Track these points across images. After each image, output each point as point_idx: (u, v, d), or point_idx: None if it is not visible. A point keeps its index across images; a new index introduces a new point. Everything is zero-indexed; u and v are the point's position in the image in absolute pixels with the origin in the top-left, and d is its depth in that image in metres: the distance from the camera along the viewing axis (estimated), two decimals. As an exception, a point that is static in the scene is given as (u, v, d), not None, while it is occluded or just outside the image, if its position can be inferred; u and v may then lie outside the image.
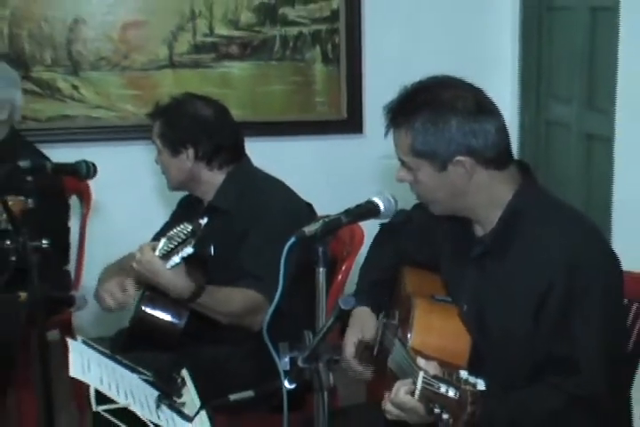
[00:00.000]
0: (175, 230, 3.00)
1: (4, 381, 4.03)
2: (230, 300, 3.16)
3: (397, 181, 2.54)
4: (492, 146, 2.46)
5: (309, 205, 3.44)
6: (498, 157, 2.48)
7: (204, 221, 2.97)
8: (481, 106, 2.48)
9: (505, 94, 5.39)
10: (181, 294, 3.09)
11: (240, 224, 3.33)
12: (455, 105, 2.45)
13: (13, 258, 2.84)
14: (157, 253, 3.02)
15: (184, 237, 2.94)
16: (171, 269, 3.00)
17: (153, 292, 3.25)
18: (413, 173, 2.49)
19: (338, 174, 5.04)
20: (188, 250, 2.93)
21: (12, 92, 4.16)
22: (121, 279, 3.37)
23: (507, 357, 2.46)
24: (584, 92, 4.71)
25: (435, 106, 2.44)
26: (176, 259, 2.97)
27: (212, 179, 3.46)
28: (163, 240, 3.04)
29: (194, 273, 3.12)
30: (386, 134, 2.54)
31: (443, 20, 5.41)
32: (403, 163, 2.51)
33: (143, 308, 3.31)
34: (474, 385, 2.02)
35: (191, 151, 3.42)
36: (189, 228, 2.94)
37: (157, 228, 3.70)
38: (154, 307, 3.30)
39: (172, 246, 2.97)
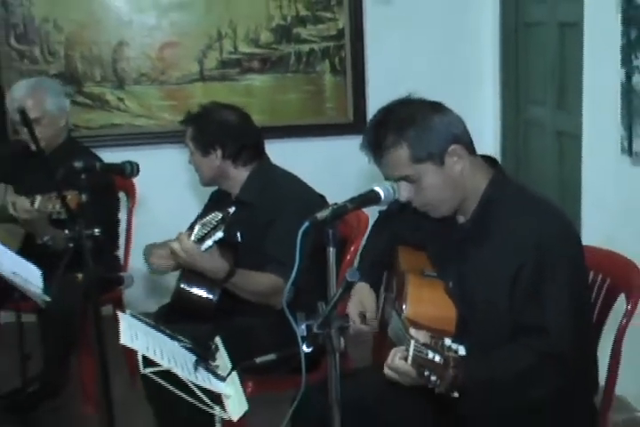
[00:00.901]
0: (207, 218, 3.02)
1: (67, 348, 4.06)
2: (257, 282, 3.19)
3: (405, 201, 2.51)
4: (465, 132, 2.50)
5: (322, 197, 3.45)
6: (471, 142, 2.51)
7: (231, 209, 2.99)
8: (437, 105, 2.52)
9: (489, 99, 5.40)
10: (216, 275, 3.11)
11: (263, 215, 3.34)
12: (424, 109, 2.48)
13: (71, 244, 2.86)
14: (193, 237, 3.04)
15: (215, 223, 2.96)
16: (205, 252, 3.02)
17: (190, 272, 3.26)
18: (417, 184, 2.47)
19: (344, 170, 5.05)
20: (219, 234, 2.96)
21: (65, 101, 4.20)
22: (162, 247, 3.41)
23: (487, 325, 2.47)
24: (555, 95, 4.70)
25: (411, 116, 2.45)
26: (209, 242, 2.99)
27: (238, 175, 3.48)
28: (197, 227, 3.07)
29: (227, 256, 3.14)
30: (378, 165, 2.53)
31: (433, 37, 5.39)
32: (405, 179, 2.47)
33: (182, 286, 3.34)
34: (456, 351, 2.03)
35: (219, 152, 3.43)
36: (219, 215, 2.96)
37: (192, 217, 3.71)
38: (191, 285, 3.33)
39: (205, 232, 2.99)
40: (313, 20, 5.28)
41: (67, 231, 2.87)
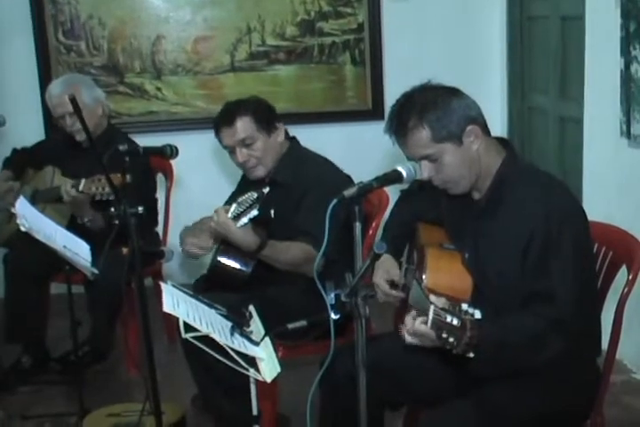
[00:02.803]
0: (244, 197, 3.01)
1: (113, 316, 4.08)
2: (288, 252, 3.17)
3: (426, 179, 2.50)
4: (480, 114, 2.49)
5: (349, 176, 3.41)
6: (486, 124, 2.50)
7: (266, 189, 2.98)
8: (453, 89, 2.51)
9: (496, 87, 5.36)
10: (249, 247, 3.10)
11: (295, 193, 3.31)
12: (442, 93, 2.46)
13: (117, 221, 2.86)
14: (230, 215, 3.03)
15: (251, 202, 2.95)
16: (240, 228, 3.01)
17: (226, 245, 3.26)
18: (438, 162, 2.46)
19: (363, 153, 5.03)
20: (254, 212, 2.95)
21: (99, 92, 4.21)
22: (195, 232, 3.40)
23: (499, 294, 2.45)
24: (558, 83, 4.66)
25: (432, 100, 2.44)
26: (245, 220, 2.98)
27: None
28: (234, 205, 3.06)
29: (258, 231, 3.13)
30: (400, 147, 2.51)
31: (445, 30, 5.37)
32: (426, 158, 2.46)
33: (218, 258, 3.33)
34: (472, 315, 2.04)
35: (281, 124, 3.41)
36: (255, 195, 2.95)
37: (224, 196, 3.71)
38: (227, 257, 3.32)
39: (241, 210, 2.98)
40: (334, 15, 5.25)
41: (112, 209, 2.87)
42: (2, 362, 4.05)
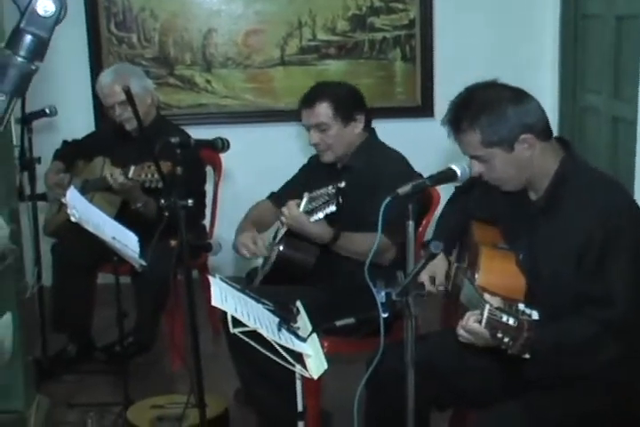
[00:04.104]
0: (318, 192, 2.99)
1: (158, 308, 4.08)
2: (361, 242, 3.10)
3: (475, 176, 2.48)
4: (540, 120, 2.44)
5: (420, 175, 3.30)
6: (546, 129, 2.45)
7: (342, 184, 2.96)
8: (517, 93, 2.45)
9: (547, 87, 5.27)
10: (323, 239, 3.09)
11: (366, 180, 3.25)
12: (502, 97, 2.42)
13: (166, 213, 2.85)
14: (302, 208, 3.02)
15: (327, 197, 2.93)
16: (314, 222, 2.99)
17: (290, 237, 3.23)
18: (487, 163, 2.44)
19: (412, 149, 4.98)
20: (332, 208, 2.95)
21: (148, 81, 4.22)
22: (253, 234, 3.38)
23: (552, 296, 2.41)
24: (612, 83, 4.58)
25: (488, 103, 2.41)
26: (320, 215, 2.99)
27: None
28: (304, 200, 3.05)
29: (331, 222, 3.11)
30: (454, 142, 2.49)
31: (498, 27, 5.29)
32: (476, 158, 2.45)
33: (281, 249, 3.29)
34: (530, 315, 2.00)
35: (361, 117, 3.39)
36: (332, 190, 2.93)
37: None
38: (291, 249, 3.28)
39: (315, 205, 2.98)
40: (386, 10, 5.21)
41: (162, 201, 2.86)
42: (48, 350, 4.06)
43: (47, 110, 4.06)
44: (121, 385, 3.53)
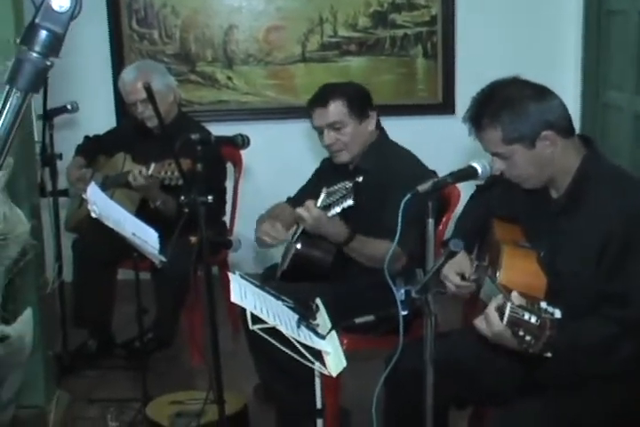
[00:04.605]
0: (335, 187, 2.99)
1: (178, 304, 4.09)
2: (374, 248, 3.10)
3: (496, 173, 2.46)
4: (562, 117, 2.41)
5: (434, 172, 3.25)
6: (568, 127, 2.43)
7: (360, 178, 2.95)
8: (539, 89, 2.43)
9: (570, 83, 5.24)
10: (337, 239, 3.08)
11: (379, 184, 3.22)
12: (523, 94, 2.40)
13: (186, 210, 2.85)
14: (319, 204, 3.01)
15: (345, 192, 2.93)
16: (331, 218, 2.98)
17: (308, 236, 3.23)
18: (508, 160, 2.42)
19: (432, 147, 4.97)
20: (349, 202, 2.94)
21: (170, 79, 4.22)
22: (272, 221, 3.37)
23: (572, 295, 2.38)
24: (635, 80, 4.54)
25: (509, 100, 2.38)
26: (337, 209, 2.97)
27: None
28: (322, 195, 3.04)
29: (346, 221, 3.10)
30: (475, 139, 2.47)
31: (520, 23, 5.26)
32: (497, 155, 2.43)
33: (299, 247, 3.29)
34: (552, 314, 1.98)
35: (374, 113, 3.38)
36: (349, 184, 2.92)
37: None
38: (308, 246, 3.27)
39: (333, 200, 2.96)
40: (408, 6, 5.19)
41: (182, 198, 2.86)
42: (68, 345, 4.08)
43: (69, 106, 4.07)
44: (140, 381, 3.54)
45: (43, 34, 1.60)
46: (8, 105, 1.62)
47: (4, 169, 2.75)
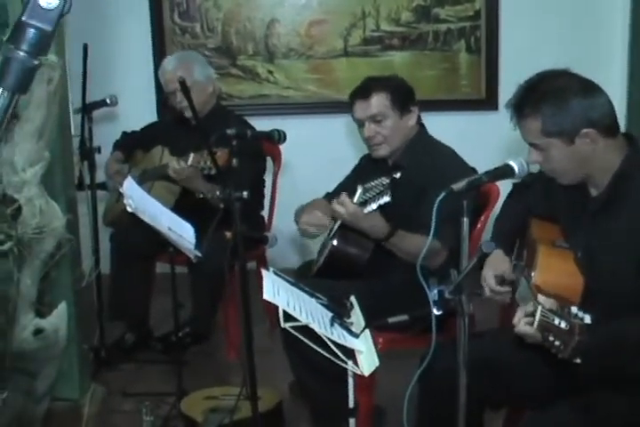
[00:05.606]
0: (372, 183, 2.96)
1: (214, 299, 4.09)
2: (415, 244, 3.02)
3: (531, 164, 2.42)
4: (607, 116, 2.36)
5: (474, 169, 3.21)
6: (612, 126, 2.38)
7: (397, 175, 2.92)
8: (587, 85, 2.38)
9: (616, 77, 5.17)
10: (377, 234, 3.06)
11: (418, 179, 3.19)
12: (570, 88, 2.35)
13: (222, 205, 2.84)
14: (355, 200, 2.99)
15: (382, 188, 2.91)
16: (368, 214, 2.96)
17: (344, 230, 3.21)
18: (545, 152, 2.38)
19: (476, 143, 4.93)
20: (386, 198, 2.91)
21: (210, 70, 4.22)
22: (310, 210, 3.36)
23: (611, 296, 2.34)
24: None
25: (554, 92, 2.34)
26: (374, 206, 2.95)
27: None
28: (359, 191, 3.02)
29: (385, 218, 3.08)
30: (515, 126, 2.43)
31: (565, 19, 5.21)
32: (534, 146, 2.39)
33: (335, 243, 3.27)
34: (582, 319, 1.95)
35: (415, 108, 3.35)
36: (386, 181, 2.90)
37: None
38: (345, 242, 3.25)
39: (369, 196, 2.94)
40: (451, 1, 5.17)
41: (218, 193, 2.85)
42: (105, 338, 4.10)
43: (108, 100, 4.08)
44: (176, 375, 3.54)
45: (30, 32, 1.56)
46: (-6, 105, 1.59)
47: (40, 163, 2.77)
